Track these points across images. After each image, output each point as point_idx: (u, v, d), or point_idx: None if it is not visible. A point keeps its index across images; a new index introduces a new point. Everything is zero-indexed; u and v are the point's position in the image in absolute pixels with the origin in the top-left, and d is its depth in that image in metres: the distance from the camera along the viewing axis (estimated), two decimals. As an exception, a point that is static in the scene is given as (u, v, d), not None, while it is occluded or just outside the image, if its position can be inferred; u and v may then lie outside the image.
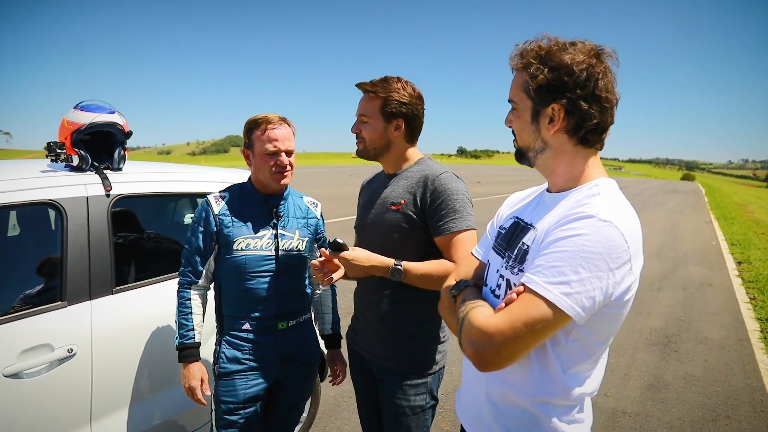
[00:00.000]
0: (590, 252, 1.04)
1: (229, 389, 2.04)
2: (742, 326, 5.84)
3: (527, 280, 1.09)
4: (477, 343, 1.09)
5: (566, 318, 1.05)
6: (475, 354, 1.09)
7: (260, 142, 2.02)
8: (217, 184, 2.64)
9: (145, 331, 2.24)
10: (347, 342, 2.19)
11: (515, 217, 1.39)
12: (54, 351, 1.92)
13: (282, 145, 2.02)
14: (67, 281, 2.03)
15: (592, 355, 1.20)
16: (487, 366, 1.09)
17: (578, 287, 1.04)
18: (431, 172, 1.85)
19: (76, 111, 2.25)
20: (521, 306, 1.07)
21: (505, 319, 1.07)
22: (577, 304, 1.04)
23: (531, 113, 1.24)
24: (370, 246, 1.87)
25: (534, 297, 1.06)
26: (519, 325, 1.05)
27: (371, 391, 2.06)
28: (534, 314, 1.04)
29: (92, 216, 2.13)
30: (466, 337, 1.14)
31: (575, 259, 1.04)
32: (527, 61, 1.22)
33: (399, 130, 1.89)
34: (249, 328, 2.06)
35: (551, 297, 1.04)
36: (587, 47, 1.19)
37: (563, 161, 1.25)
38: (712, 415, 3.73)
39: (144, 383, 2.23)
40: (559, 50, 1.19)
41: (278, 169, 2.03)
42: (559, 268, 1.05)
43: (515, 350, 1.07)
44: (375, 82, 1.87)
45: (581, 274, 1.04)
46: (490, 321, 1.09)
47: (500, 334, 1.05)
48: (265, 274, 2.06)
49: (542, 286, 1.06)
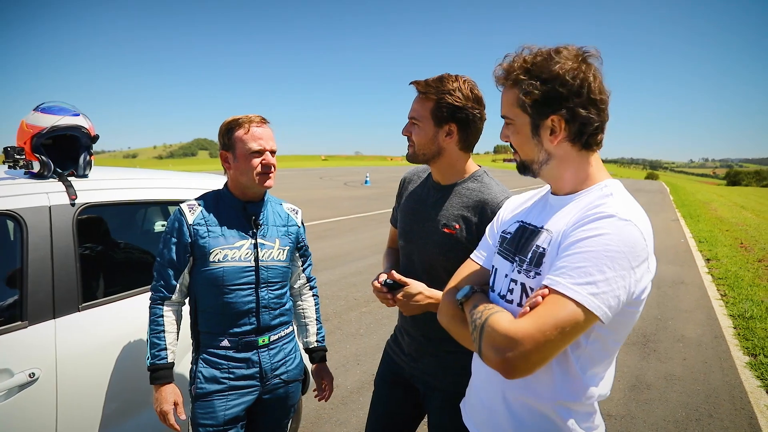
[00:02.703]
0: (614, 251, 1.04)
1: (208, 411, 1.91)
2: (716, 323, 5.95)
3: (552, 282, 1.07)
4: (504, 349, 1.06)
5: (594, 318, 1.04)
6: (502, 361, 1.06)
7: (243, 141, 1.90)
8: (191, 191, 2.50)
9: (114, 350, 2.08)
10: (386, 350, 2.09)
11: (519, 221, 1.36)
12: (14, 376, 1.75)
13: (267, 144, 1.93)
14: (27, 299, 1.86)
15: (609, 355, 1.20)
16: (516, 372, 1.06)
17: (604, 287, 1.03)
18: (491, 198, 1.72)
19: (37, 113, 2.08)
20: (549, 309, 1.05)
21: (533, 322, 1.04)
22: (604, 304, 1.03)
23: (530, 127, 1.23)
24: (415, 260, 1.84)
25: (561, 298, 1.04)
26: (548, 328, 1.02)
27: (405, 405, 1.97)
28: (562, 316, 1.03)
29: (56, 227, 1.97)
30: (489, 344, 1.10)
31: (600, 259, 1.04)
32: (516, 77, 1.21)
33: (451, 136, 1.72)
34: (228, 344, 1.94)
35: (579, 298, 1.03)
36: (572, 53, 1.19)
37: (570, 168, 1.25)
38: (695, 415, 3.75)
39: (114, 408, 2.06)
40: (545, 61, 1.18)
41: (264, 169, 1.93)
42: (584, 269, 1.04)
43: (545, 354, 1.05)
44: (429, 82, 1.71)
45: (607, 273, 1.03)
46: (516, 325, 1.06)
47: (529, 339, 1.03)
48: (245, 286, 1.94)
49: (569, 288, 1.04)
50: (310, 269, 2.31)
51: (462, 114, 1.69)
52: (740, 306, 6.54)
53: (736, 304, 6.70)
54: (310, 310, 2.30)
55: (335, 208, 16.60)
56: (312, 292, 2.32)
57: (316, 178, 38.05)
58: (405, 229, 1.91)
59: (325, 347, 2.31)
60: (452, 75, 1.71)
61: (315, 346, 2.27)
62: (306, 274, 2.28)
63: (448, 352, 1.80)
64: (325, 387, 2.26)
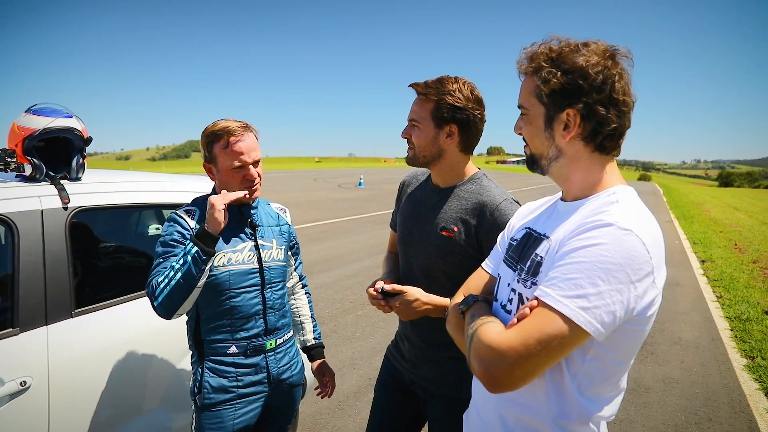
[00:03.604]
0: (610, 263, 0.97)
1: (216, 422, 1.87)
2: (713, 325, 5.95)
3: (541, 293, 1.03)
4: (487, 361, 1.02)
5: (584, 335, 0.98)
6: (485, 373, 1.02)
7: (224, 156, 1.84)
8: (186, 194, 2.46)
9: (109, 358, 2.03)
10: (386, 356, 2.05)
11: (527, 228, 1.32)
12: (4, 385, 1.70)
13: (249, 157, 1.85)
14: (19, 305, 1.81)
15: (612, 375, 1.12)
16: (498, 386, 1.01)
17: (597, 301, 0.97)
18: (489, 200, 1.70)
19: (29, 115, 2.03)
20: (535, 321, 1.00)
21: (517, 335, 1.00)
22: (595, 320, 0.97)
23: (544, 119, 1.18)
24: (414, 262, 1.81)
25: (548, 311, 0.99)
26: (532, 342, 0.98)
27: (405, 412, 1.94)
28: (549, 330, 0.98)
29: (48, 231, 1.92)
30: (475, 355, 1.06)
31: (593, 271, 0.98)
32: (537, 64, 1.16)
33: (452, 137, 1.70)
34: (236, 351, 1.90)
35: (567, 312, 0.97)
36: (601, 48, 1.13)
37: (579, 169, 1.19)
38: (695, 418, 3.73)
39: (108, 417, 2.01)
40: (571, 52, 1.13)
41: (248, 183, 1.88)
42: (575, 281, 0.98)
43: (529, 370, 0.99)
44: (429, 83, 1.69)
45: (600, 286, 0.97)
46: (501, 337, 1.03)
47: (512, 352, 0.98)
48: (251, 288, 1.91)
49: (557, 300, 0.99)
50: (301, 267, 2.32)
51: (463, 115, 1.67)
52: (736, 308, 6.55)
53: (732, 306, 6.70)
54: (304, 308, 2.29)
55: (329, 210, 16.54)
56: (304, 290, 2.32)
57: (310, 180, 37.93)
58: (404, 233, 1.89)
59: (322, 343, 2.30)
60: (451, 76, 1.70)
61: (313, 343, 2.26)
62: (298, 272, 2.29)
63: (449, 358, 1.77)
64: (327, 383, 2.24)
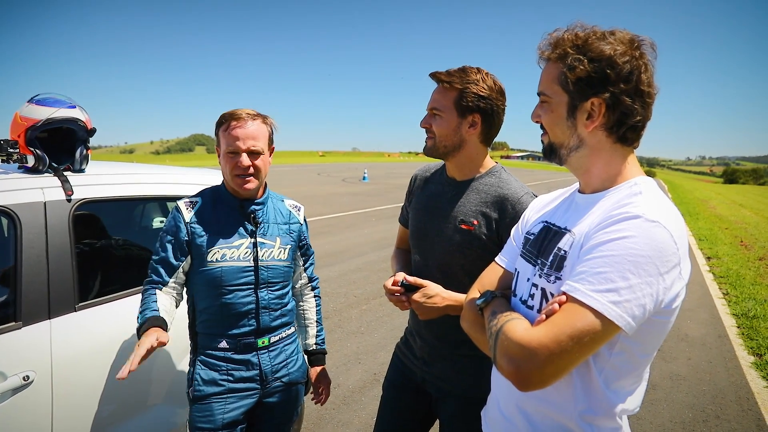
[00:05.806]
0: (639, 255, 0.96)
1: (206, 414, 1.85)
2: (719, 322, 5.91)
3: (570, 288, 1.01)
4: (517, 359, 0.99)
5: (615, 329, 0.96)
6: (515, 371, 0.99)
7: (222, 140, 1.84)
8: (190, 186, 2.42)
9: (112, 352, 2.00)
10: (395, 354, 2.02)
11: (545, 222, 1.29)
12: (7, 380, 1.68)
13: (243, 144, 1.80)
14: (22, 298, 1.79)
15: (637, 368, 1.11)
16: (529, 385, 0.99)
17: (628, 295, 0.95)
18: (511, 193, 1.67)
19: (31, 105, 1.99)
20: (565, 317, 0.98)
21: (548, 332, 0.98)
22: (627, 314, 0.95)
23: (567, 108, 1.15)
24: (429, 259, 1.77)
25: (579, 307, 0.97)
26: (564, 338, 0.96)
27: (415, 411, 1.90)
28: (580, 326, 0.96)
29: (51, 223, 1.89)
30: (503, 353, 1.03)
31: (623, 264, 0.96)
32: (563, 50, 1.12)
33: (474, 127, 1.66)
34: (226, 346, 1.88)
35: (599, 306, 0.95)
36: (627, 37, 1.11)
37: (600, 160, 1.16)
38: (702, 416, 3.70)
39: (111, 412, 1.99)
40: (597, 40, 1.10)
41: (238, 172, 1.82)
42: (605, 275, 0.97)
43: (561, 366, 0.98)
44: (451, 72, 1.66)
45: (630, 280, 0.95)
46: (531, 335, 1.00)
47: (544, 349, 0.96)
48: (244, 287, 1.88)
49: (588, 295, 0.97)
50: (312, 268, 2.24)
51: (487, 104, 1.64)
52: (743, 305, 6.50)
53: (739, 303, 6.66)
54: (311, 311, 2.23)
55: (334, 205, 16.53)
56: (314, 293, 2.25)
57: (314, 174, 37.95)
58: (418, 227, 1.84)
59: (324, 350, 2.25)
60: (474, 67, 1.67)
61: (314, 349, 2.21)
62: (308, 274, 2.21)
63: (464, 356, 1.73)
64: (322, 391, 2.20)
